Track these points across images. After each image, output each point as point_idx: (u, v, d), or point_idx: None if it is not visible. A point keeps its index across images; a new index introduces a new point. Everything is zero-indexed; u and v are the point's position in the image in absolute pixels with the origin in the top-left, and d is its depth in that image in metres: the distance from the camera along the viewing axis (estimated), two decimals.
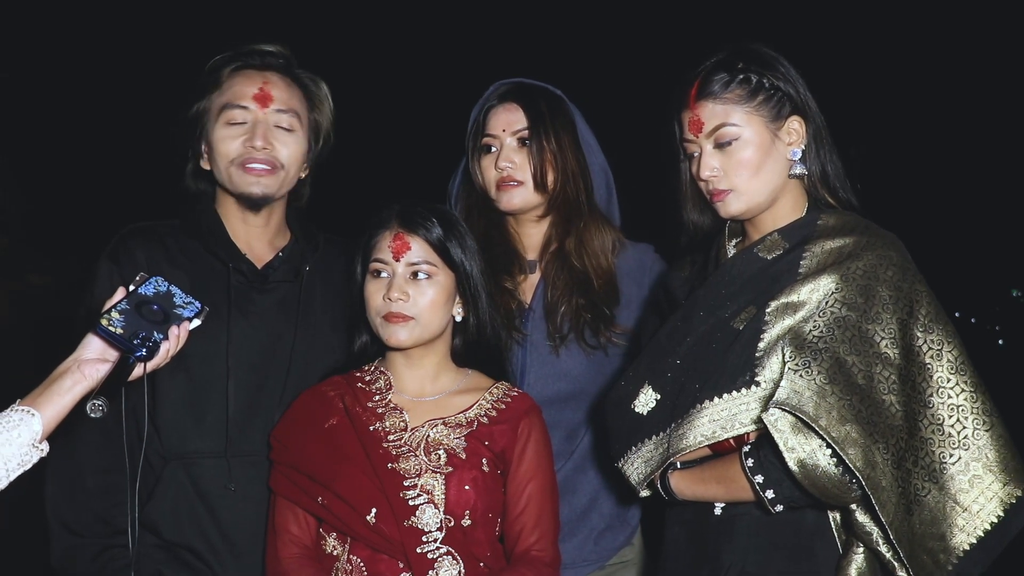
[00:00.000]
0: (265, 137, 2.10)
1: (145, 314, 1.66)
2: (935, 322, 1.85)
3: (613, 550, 2.34)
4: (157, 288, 1.71)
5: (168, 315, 1.69)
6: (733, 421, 1.84)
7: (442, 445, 1.99)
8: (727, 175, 1.93)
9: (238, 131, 2.11)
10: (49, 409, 1.58)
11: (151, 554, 2.05)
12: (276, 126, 2.12)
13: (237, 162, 2.10)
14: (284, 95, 2.13)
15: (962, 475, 1.80)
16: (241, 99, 2.11)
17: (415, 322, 2.01)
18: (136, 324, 1.64)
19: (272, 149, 2.11)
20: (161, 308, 1.68)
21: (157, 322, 1.66)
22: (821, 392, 1.75)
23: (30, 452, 1.55)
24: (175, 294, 1.72)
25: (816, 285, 1.85)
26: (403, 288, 2.00)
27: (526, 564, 1.99)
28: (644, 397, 1.97)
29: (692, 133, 1.96)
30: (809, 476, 1.75)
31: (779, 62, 1.98)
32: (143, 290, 1.69)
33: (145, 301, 1.68)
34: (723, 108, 1.93)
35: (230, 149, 2.11)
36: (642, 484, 1.96)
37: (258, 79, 2.13)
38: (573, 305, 2.32)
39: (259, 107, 2.11)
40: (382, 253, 2.03)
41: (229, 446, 2.07)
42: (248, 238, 2.18)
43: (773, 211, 1.99)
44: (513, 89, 2.39)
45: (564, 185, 2.34)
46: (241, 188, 2.12)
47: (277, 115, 2.12)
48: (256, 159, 2.10)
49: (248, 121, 2.11)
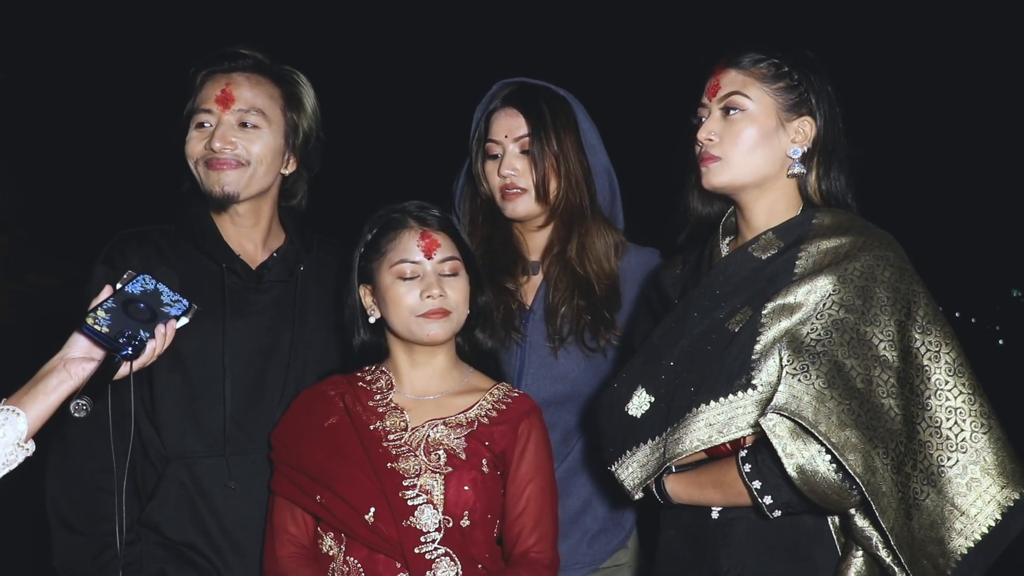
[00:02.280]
0: (224, 137, 2.12)
1: (132, 312, 1.64)
2: (933, 323, 1.84)
3: (607, 553, 2.34)
4: (144, 286, 1.69)
5: (155, 313, 1.67)
6: (730, 425, 1.83)
7: (442, 445, 1.99)
8: (722, 142, 1.94)
9: (203, 133, 2.14)
10: (34, 408, 1.57)
11: (153, 552, 2.06)
12: (240, 124, 2.13)
13: (201, 162, 2.13)
14: (248, 94, 2.14)
15: (960, 478, 1.79)
16: (205, 102, 2.14)
17: (452, 316, 2.04)
18: (122, 323, 1.62)
19: (234, 148, 2.12)
20: (148, 306, 1.67)
21: (144, 320, 1.65)
22: (820, 397, 1.74)
23: (15, 452, 1.55)
24: (163, 292, 1.70)
25: (813, 286, 1.84)
26: (440, 285, 2.03)
27: (525, 566, 1.99)
28: (638, 400, 1.96)
29: (707, 97, 1.98)
30: (808, 482, 1.74)
31: (817, 68, 1.99)
32: (130, 288, 1.67)
33: (132, 299, 1.66)
34: (743, 79, 1.95)
35: (196, 150, 2.14)
36: (637, 489, 1.95)
37: (222, 81, 2.15)
38: (574, 307, 2.32)
39: (221, 109, 2.13)
40: (409, 254, 2.05)
41: (228, 445, 2.07)
42: (240, 239, 2.19)
43: (766, 207, 1.98)
44: (514, 92, 2.38)
45: (567, 191, 2.33)
46: (207, 186, 2.14)
47: (240, 114, 2.13)
48: (218, 158, 2.12)
49: (212, 123, 2.13)
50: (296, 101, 2.21)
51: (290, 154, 2.21)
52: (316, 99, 2.25)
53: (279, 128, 2.17)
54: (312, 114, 2.24)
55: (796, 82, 1.95)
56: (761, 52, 1.96)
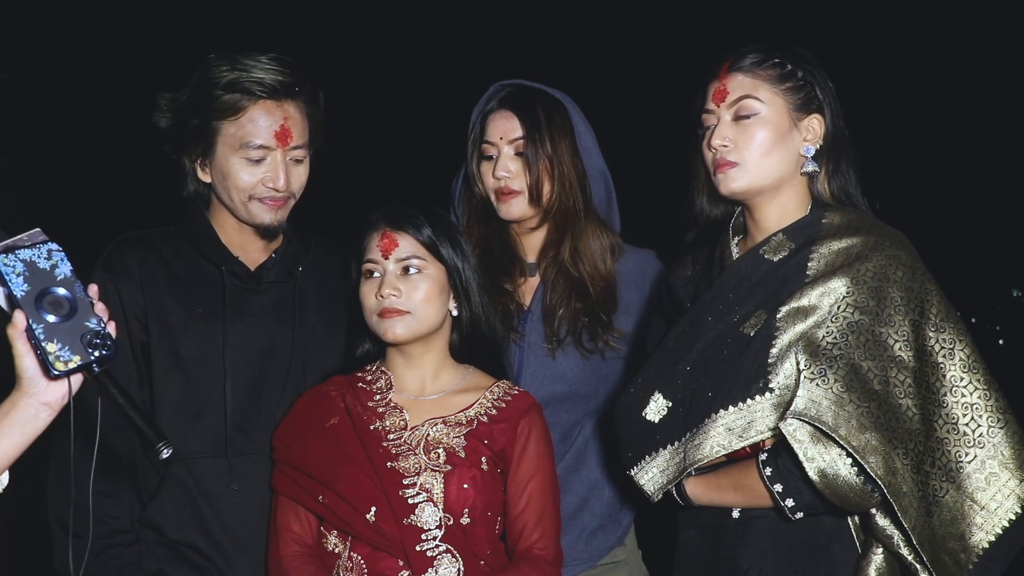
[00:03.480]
0: (286, 177, 2.10)
1: (52, 310, 1.40)
2: (946, 321, 1.84)
3: (605, 550, 2.35)
4: (17, 271, 1.40)
5: (71, 298, 1.42)
6: (749, 429, 1.83)
7: (441, 444, 2.00)
8: (738, 148, 1.92)
9: (257, 169, 2.09)
10: (5, 442, 1.43)
11: (153, 552, 2.07)
12: (292, 160, 2.12)
13: (255, 197, 2.11)
14: (299, 129, 2.12)
15: (979, 473, 1.79)
16: (261, 138, 2.08)
17: (411, 316, 2.02)
18: (68, 334, 1.40)
19: (289, 185, 2.12)
20: (51, 288, 1.41)
21: (69, 312, 1.40)
22: (839, 401, 1.74)
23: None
24: (32, 259, 1.41)
25: (826, 289, 1.84)
26: (394, 284, 2.02)
27: (527, 562, 2.00)
28: (655, 405, 1.96)
29: (714, 103, 1.95)
30: (830, 485, 1.75)
31: (817, 65, 1.98)
32: (18, 289, 1.40)
33: (38, 296, 1.40)
34: (752, 82, 1.93)
35: (248, 185, 2.10)
36: (658, 494, 1.95)
37: (278, 114, 2.09)
38: (571, 309, 2.33)
39: (279, 146, 2.09)
40: (372, 253, 2.05)
41: (229, 446, 2.08)
42: (243, 243, 2.19)
43: (777, 207, 1.97)
44: (510, 95, 2.38)
45: (560, 194, 2.33)
46: (255, 220, 2.13)
47: (294, 152, 2.12)
48: (273, 196, 2.11)
49: (267, 159, 2.09)
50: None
51: None
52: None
53: (311, 156, 2.19)
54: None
55: (802, 80, 1.95)
56: (763, 52, 1.95)
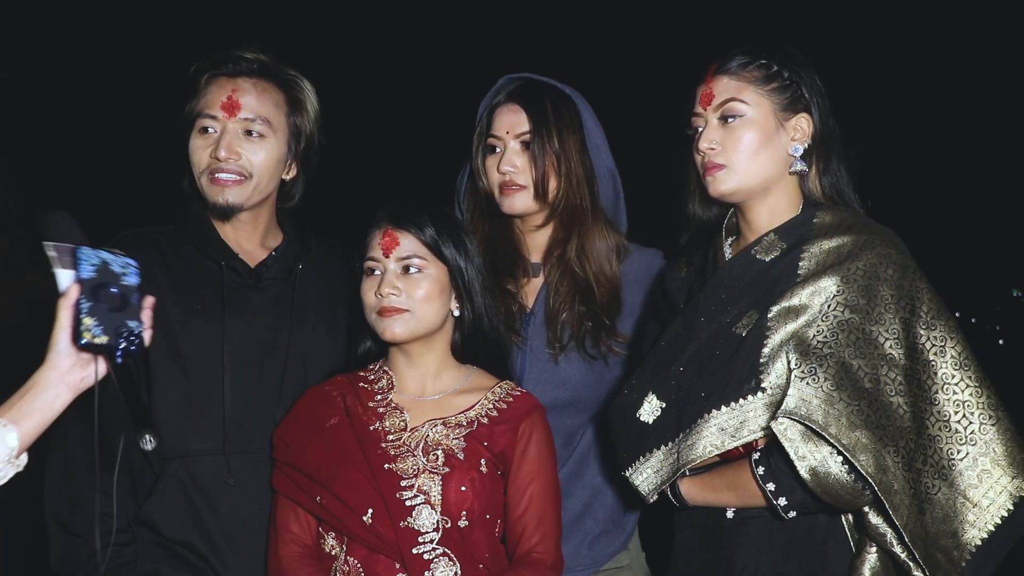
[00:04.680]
0: (230, 147, 2.09)
1: (105, 299, 1.55)
2: (937, 319, 1.85)
3: (608, 555, 2.32)
4: (92, 262, 1.57)
5: (124, 295, 1.57)
6: (741, 429, 1.83)
7: (441, 446, 1.99)
8: (725, 150, 1.94)
9: (207, 141, 2.11)
10: (27, 423, 1.51)
11: (148, 551, 2.06)
12: (245, 133, 2.11)
13: (206, 173, 2.11)
14: (254, 102, 2.12)
15: (971, 470, 1.80)
16: (210, 108, 2.11)
17: (410, 315, 2.01)
18: (109, 320, 1.55)
19: (239, 158, 2.10)
20: (112, 286, 1.56)
21: (120, 307, 1.56)
22: (829, 399, 1.74)
23: (4, 467, 1.49)
24: (109, 261, 1.59)
25: (817, 288, 1.84)
26: (394, 283, 2.01)
27: (527, 566, 1.98)
28: (649, 406, 1.97)
29: (701, 106, 1.97)
30: (821, 483, 1.75)
31: (805, 65, 1.99)
32: (86, 274, 1.56)
33: (98, 285, 1.56)
34: (736, 84, 1.94)
35: (200, 159, 2.11)
36: (652, 494, 1.96)
37: (228, 86, 2.11)
38: (574, 313, 2.29)
39: (227, 116, 2.10)
40: (373, 251, 2.05)
41: (228, 443, 2.07)
42: (238, 239, 2.18)
43: (768, 207, 1.98)
44: (519, 88, 2.34)
45: (567, 191, 2.29)
46: (210, 198, 2.12)
47: (245, 123, 2.11)
48: (223, 169, 2.09)
49: (217, 130, 2.11)
50: (300, 106, 2.19)
51: (292, 160, 2.20)
52: (317, 101, 2.23)
53: (283, 136, 2.16)
54: (315, 119, 2.22)
55: (788, 80, 1.95)
56: (748, 55, 1.96)
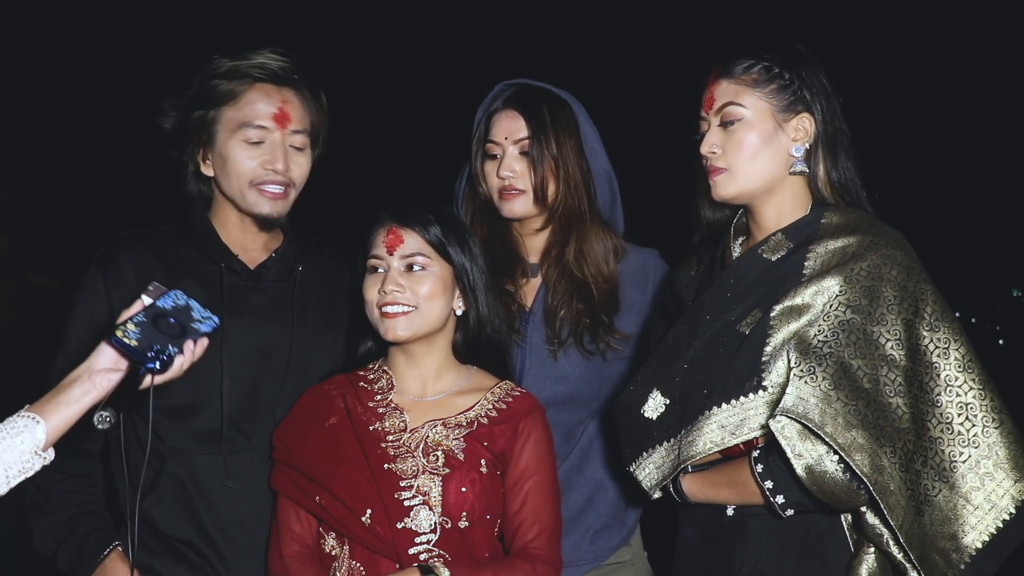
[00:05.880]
0: (284, 160, 2.10)
1: (162, 327, 1.65)
2: (941, 320, 1.84)
3: (609, 550, 2.33)
4: (176, 302, 1.69)
5: (185, 328, 1.67)
6: (742, 426, 1.84)
7: (440, 446, 1.98)
8: (725, 154, 1.96)
9: (256, 151, 2.09)
10: (55, 417, 1.56)
11: (146, 546, 2.06)
12: (291, 146, 2.12)
13: (255, 183, 2.10)
14: (300, 114, 2.12)
15: (973, 473, 1.79)
16: (260, 118, 2.09)
17: (415, 312, 2.00)
18: (152, 336, 1.62)
19: (288, 170, 2.11)
20: (178, 321, 1.67)
21: (173, 336, 1.65)
22: (826, 398, 1.75)
23: (32, 460, 1.54)
24: (193, 308, 1.70)
25: (820, 288, 1.84)
26: (397, 280, 2.00)
27: (524, 558, 1.97)
28: (653, 402, 1.98)
29: (704, 110, 2.00)
30: (817, 482, 1.76)
31: (808, 62, 1.99)
32: (161, 303, 1.67)
33: (163, 314, 1.66)
34: (735, 88, 1.96)
35: (247, 169, 2.10)
36: (654, 489, 1.97)
37: (276, 97, 2.10)
38: (572, 310, 2.32)
39: (278, 127, 2.09)
40: (377, 249, 2.04)
41: (226, 443, 2.08)
42: (243, 241, 2.18)
43: (775, 207, 1.99)
44: (515, 94, 2.37)
45: (565, 194, 2.33)
46: (255, 209, 2.12)
47: (293, 136, 2.11)
48: (273, 181, 2.10)
49: (266, 141, 2.10)
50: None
51: None
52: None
53: (313, 148, 2.17)
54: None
55: (788, 81, 1.96)
56: (750, 57, 1.97)
